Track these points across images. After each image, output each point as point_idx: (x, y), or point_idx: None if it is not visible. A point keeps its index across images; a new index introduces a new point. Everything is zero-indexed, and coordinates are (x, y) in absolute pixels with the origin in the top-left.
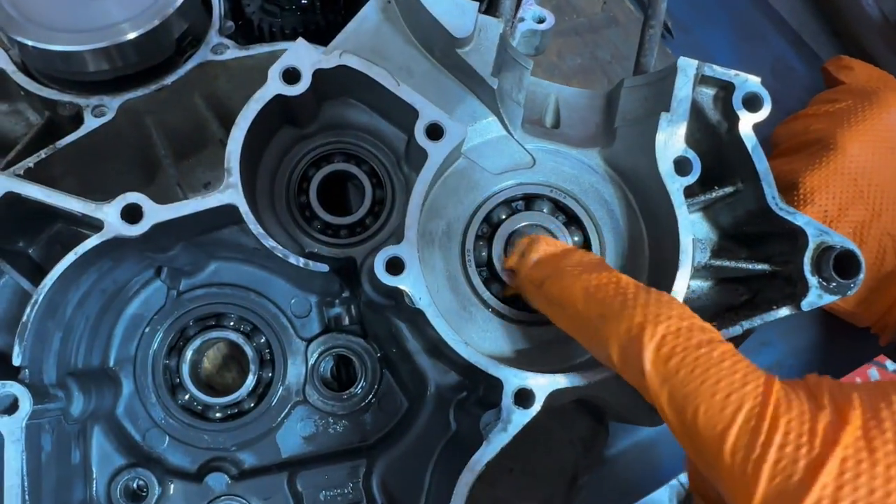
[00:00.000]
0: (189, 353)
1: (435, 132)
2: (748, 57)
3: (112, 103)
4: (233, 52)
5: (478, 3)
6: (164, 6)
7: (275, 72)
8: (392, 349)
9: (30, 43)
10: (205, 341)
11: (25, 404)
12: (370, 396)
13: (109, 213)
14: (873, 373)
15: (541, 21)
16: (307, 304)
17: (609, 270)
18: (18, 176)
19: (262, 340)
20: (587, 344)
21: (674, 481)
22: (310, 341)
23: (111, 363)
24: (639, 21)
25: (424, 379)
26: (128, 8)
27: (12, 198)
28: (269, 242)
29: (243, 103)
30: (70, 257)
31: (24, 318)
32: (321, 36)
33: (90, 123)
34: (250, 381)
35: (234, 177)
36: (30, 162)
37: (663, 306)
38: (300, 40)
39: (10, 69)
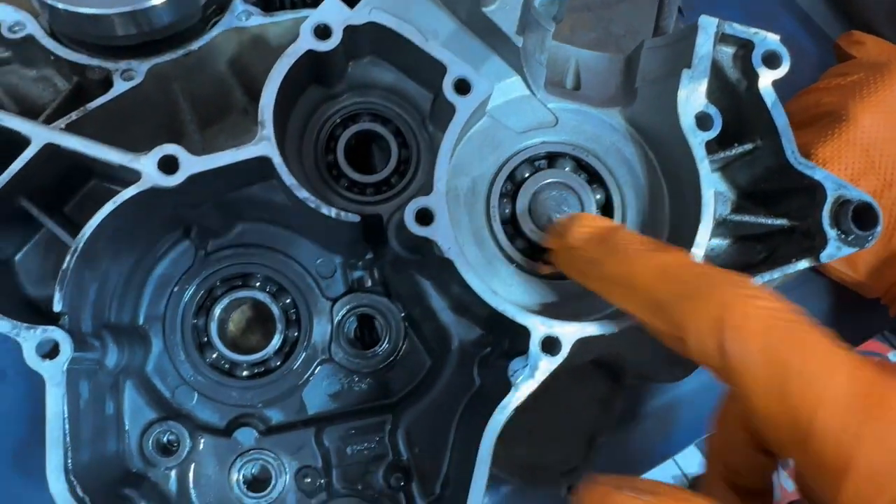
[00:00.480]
0: (217, 312)
1: (462, 87)
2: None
3: (140, 67)
4: (258, 19)
5: None
6: None
7: (307, 27)
8: (415, 308)
9: (60, 6)
10: (232, 300)
11: (66, 349)
12: (394, 355)
13: (146, 164)
14: None
15: None
16: (332, 264)
17: (679, 249)
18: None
19: (288, 300)
20: (652, 322)
21: (677, 472)
22: (335, 301)
23: (141, 321)
24: None
25: (448, 336)
26: None
27: (51, 150)
28: (302, 193)
29: (267, 70)
30: (109, 206)
31: (65, 266)
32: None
33: (119, 87)
34: (277, 340)
35: (268, 129)
36: (61, 123)
37: (748, 287)
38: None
39: (39, 34)
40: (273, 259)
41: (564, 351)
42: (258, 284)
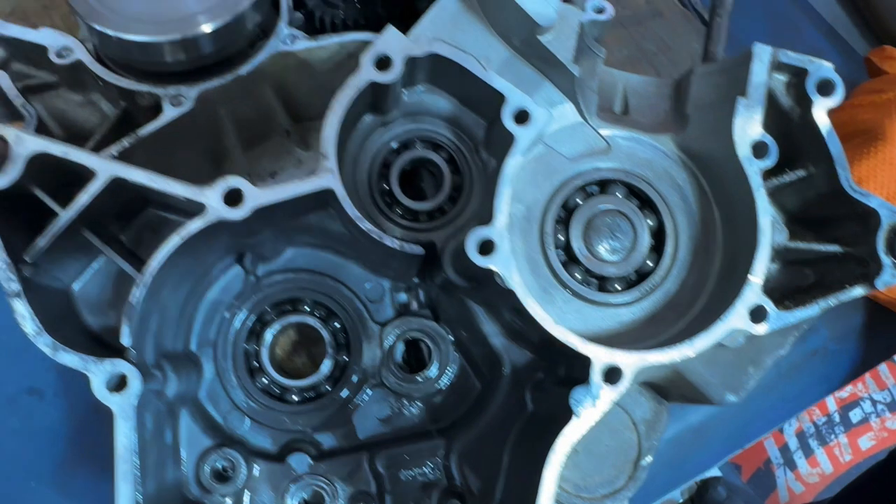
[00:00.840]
0: (268, 337)
1: (522, 117)
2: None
3: (189, 93)
4: (304, 43)
5: None
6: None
7: (368, 59)
8: (465, 332)
9: (110, 32)
10: (284, 326)
11: (136, 383)
12: (444, 379)
13: (212, 197)
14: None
15: (600, 11)
16: (381, 288)
17: None
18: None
19: (338, 325)
20: None
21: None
22: (384, 325)
23: (193, 347)
24: (682, 13)
25: (499, 361)
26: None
27: (118, 182)
28: (365, 225)
29: (312, 97)
30: (175, 240)
31: (133, 300)
32: (382, 27)
33: (169, 113)
34: (327, 365)
35: (331, 161)
36: (114, 151)
37: None
38: (391, 27)
39: (88, 60)
40: (322, 284)
41: (626, 380)
42: (308, 309)
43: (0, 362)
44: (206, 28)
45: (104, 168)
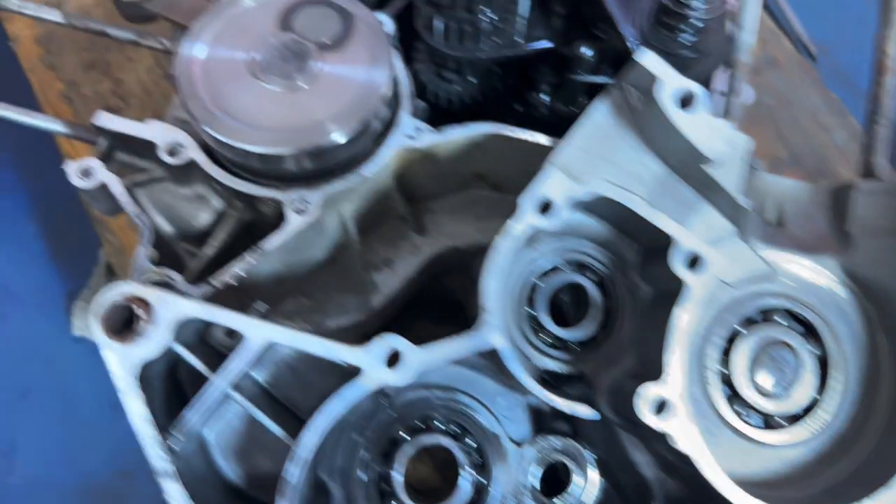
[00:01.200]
0: (401, 461)
1: (693, 262)
2: None
3: (313, 198)
4: (429, 137)
5: (729, 123)
6: (368, 98)
7: (529, 205)
8: (611, 456)
9: (230, 142)
10: (417, 449)
11: None
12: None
13: (371, 363)
14: None
15: None
16: (514, 402)
17: None
18: (273, 319)
19: (472, 444)
20: None
21: None
22: (520, 444)
23: (321, 473)
24: (797, 61)
25: (650, 492)
26: (331, 103)
27: (269, 345)
28: (532, 386)
29: (430, 180)
30: (335, 412)
31: (292, 480)
32: (500, 102)
33: (294, 222)
34: (465, 490)
35: (494, 317)
36: (241, 271)
37: None
38: (552, 167)
39: (202, 159)
40: (454, 400)
41: None
42: (440, 427)
43: (84, 443)
44: (337, 138)
45: (256, 333)
